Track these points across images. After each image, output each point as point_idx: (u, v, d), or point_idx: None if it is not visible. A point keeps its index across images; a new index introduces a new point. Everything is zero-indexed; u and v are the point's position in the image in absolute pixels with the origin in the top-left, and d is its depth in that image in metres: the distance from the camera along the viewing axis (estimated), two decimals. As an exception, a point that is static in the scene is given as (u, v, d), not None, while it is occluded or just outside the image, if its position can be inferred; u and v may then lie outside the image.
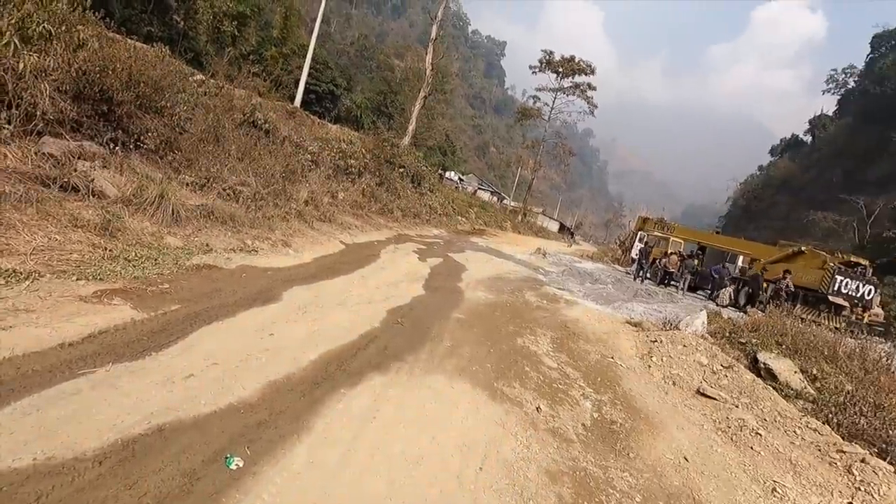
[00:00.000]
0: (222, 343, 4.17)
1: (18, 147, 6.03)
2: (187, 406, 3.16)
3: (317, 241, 9.37)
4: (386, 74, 45.01)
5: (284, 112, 18.55)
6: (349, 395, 3.94)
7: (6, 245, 4.39)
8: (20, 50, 6.32)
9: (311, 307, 5.75)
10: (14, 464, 2.33)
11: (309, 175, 12.83)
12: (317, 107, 28.87)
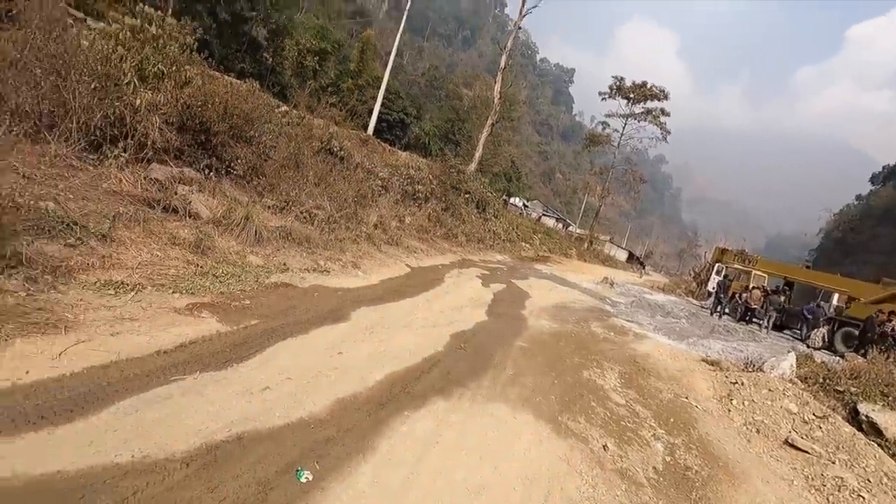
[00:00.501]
0: (296, 359, 4.39)
1: (131, 172, 6.79)
2: (263, 417, 3.34)
3: (384, 263, 9.66)
4: (454, 103, 46.28)
5: (358, 140, 19.53)
6: (413, 417, 3.98)
7: (118, 260, 4.92)
8: (138, 88, 7.20)
9: (378, 328, 5.90)
10: (116, 459, 2.57)
11: (378, 200, 13.34)
12: (388, 134, 30.13)
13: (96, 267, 4.62)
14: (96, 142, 6.64)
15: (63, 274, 4.19)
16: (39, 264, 4.10)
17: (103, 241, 5.01)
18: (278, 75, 23.21)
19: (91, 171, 6.26)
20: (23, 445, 2.44)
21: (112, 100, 6.77)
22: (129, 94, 7.06)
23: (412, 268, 10.47)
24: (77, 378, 3.12)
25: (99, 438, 2.66)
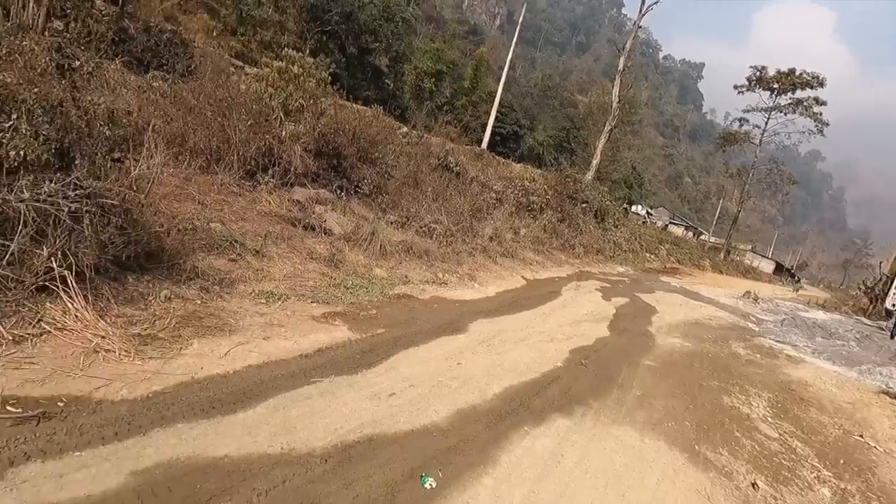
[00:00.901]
0: (418, 367, 4.58)
1: (278, 196, 7.73)
2: (390, 422, 3.52)
3: (500, 275, 9.69)
4: (569, 111, 45.16)
5: (473, 155, 19.97)
6: (532, 433, 3.90)
7: (268, 272, 5.61)
8: (283, 122, 8.20)
9: (495, 341, 5.92)
10: (268, 450, 2.90)
11: (493, 212, 13.47)
12: (501, 147, 30.38)
13: (252, 279, 5.31)
14: (251, 170, 7.68)
15: (227, 285, 4.89)
16: (210, 276, 4.83)
17: (257, 256, 5.75)
18: (398, 99, 24.75)
19: (247, 195, 7.25)
20: (200, 431, 2.87)
21: (263, 133, 7.80)
22: (276, 128, 8.08)
23: (528, 280, 10.35)
24: (238, 375, 3.60)
25: (255, 430, 3.03)
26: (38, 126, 3.67)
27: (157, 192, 5.20)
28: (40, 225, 3.42)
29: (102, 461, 2.46)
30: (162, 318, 3.89)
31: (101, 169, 4.18)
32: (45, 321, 3.29)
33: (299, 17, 17.36)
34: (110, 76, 7.33)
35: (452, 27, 41.49)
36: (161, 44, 10.68)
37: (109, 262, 3.89)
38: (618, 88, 25.69)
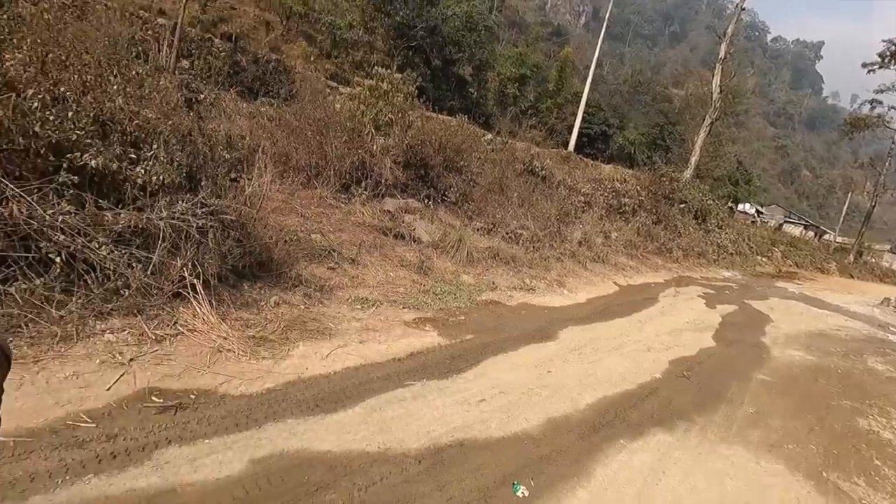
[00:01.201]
0: (507, 374, 4.56)
1: (370, 207, 8.15)
2: (480, 427, 3.55)
3: (590, 281, 9.35)
4: (662, 106, 42.48)
5: (559, 158, 19.53)
6: (629, 447, 3.72)
7: (362, 279, 5.93)
8: (374, 136, 8.64)
9: (586, 349, 5.72)
10: (366, 448, 3.06)
11: (582, 216, 13.04)
12: (589, 149, 29.36)
13: (348, 286, 5.64)
14: (346, 184, 8.17)
15: (327, 291, 5.24)
16: (312, 283, 5.21)
17: (353, 265, 6.11)
18: (482, 106, 24.95)
19: (343, 207, 7.73)
20: (307, 426, 3.11)
21: (356, 149, 8.28)
22: (368, 142, 8.53)
23: (621, 286, 9.87)
24: (338, 376, 3.84)
25: (354, 428, 3.21)
26: (172, 154, 4.23)
27: (266, 207, 5.73)
28: (175, 239, 3.93)
29: (226, 449, 2.75)
30: (272, 322, 4.27)
31: (221, 188, 4.71)
32: (179, 323, 3.77)
33: (387, 35, 18.21)
34: (227, 105, 8.22)
35: (535, 30, 41.02)
36: (267, 73, 11.79)
37: (229, 271, 4.36)
38: (719, 78, 23.72)
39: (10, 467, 2.26)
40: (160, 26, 9.98)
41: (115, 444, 2.58)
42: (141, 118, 4.31)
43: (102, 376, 3.04)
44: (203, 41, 11.08)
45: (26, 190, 3.32)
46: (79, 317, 3.33)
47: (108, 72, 4.51)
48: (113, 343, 3.35)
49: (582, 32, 75.92)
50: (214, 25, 13.27)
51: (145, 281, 3.68)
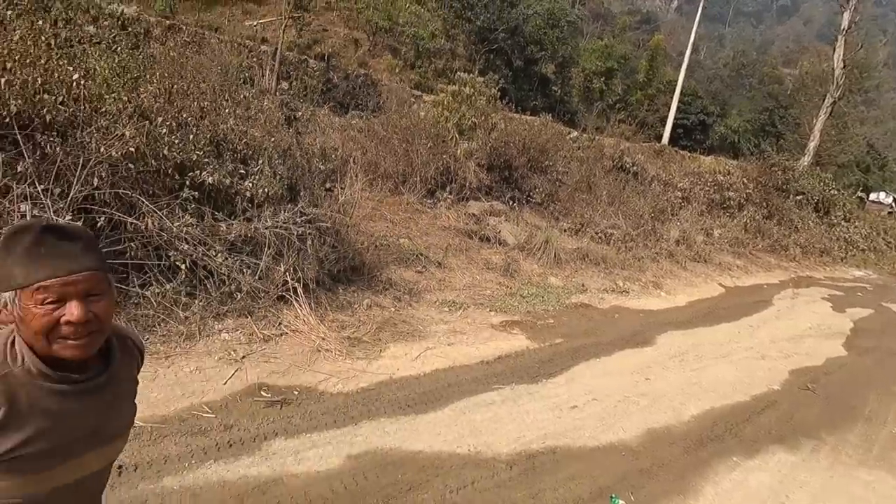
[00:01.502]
0: (600, 380, 4.35)
1: (455, 210, 8.24)
2: (573, 435, 3.41)
3: (691, 282, 8.67)
4: (771, 88, 38.30)
5: (652, 152, 18.38)
6: (744, 466, 3.36)
7: (449, 282, 6.00)
8: (458, 141, 8.73)
9: (689, 356, 5.30)
10: (457, 450, 3.07)
11: (679, 213, 12.14)
12: (685, 141, 27.31)
13: (435, 289, 5.74)
14: (431, 189, 8.34)
15: (415, 294, 5.37)
16: (401, 287, 5.37)
17: (439, 268, 6.20)
18: (566, 104, 24.25)
19: (429, 212, 7.89)
20: (399, 426, 3.19)
21: (441, 154, 8.42)
22: (451, 147, 8.64)
23: (727, 287, 9.03)
24: (428, 377, 3.91)
25: (445, 430, 3.24)
26: (275, 168, 4.60)
27: (357, 214, 6.01)
28: (278, 246, 4.26)
29: (326, 444, 2.90)
30: (365, 324, 4.46)
31: (317, 198, 5.02)
32: (283, 324, 4.07)
33: (468, 41, 18.38)
34: (321, 120, 8.78)
35: (622, 20, 39.04)
36: (357, 87, 12.42)
37: (325, 275, 4.63)
38: (841, 51, 20.91)
39: (148, 450, 2.57)
40: (263, 53, 10.93)
41: (230, 434, 2.83)
42: (248, 137, 4.74)
43: (220, 371, 3.37)
44: (299, 63, 11.95)
45: (158, 206, 3.78)
46: (200, 317, 3.72)
47: (221, 97, 5.01)
48: (228, 342, 3.69)
49: (674, 17, 71.00)
50: (309, 47, 14.26)
51: (254, 285, 4.02)
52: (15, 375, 0.88)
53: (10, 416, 0.86)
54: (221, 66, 6.77)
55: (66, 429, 0.93)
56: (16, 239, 0.86)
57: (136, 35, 7.14)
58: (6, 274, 0.86)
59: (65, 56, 4.04)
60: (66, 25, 4.79)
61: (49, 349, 0.88)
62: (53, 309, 0.86)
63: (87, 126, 3.64)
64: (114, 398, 1.02)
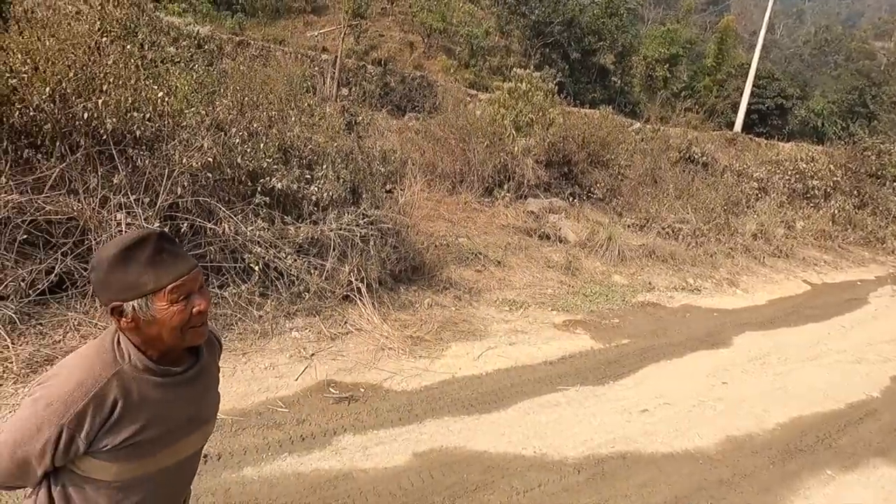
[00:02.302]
0: (672, 383, 4.14)
1: (513, 208, 8.14)
2: (644, 440, 3.26)
3: (770, 279, 8.05)
4: (861, 65, 34.76)
5: (723, 140, 17.29)
6: (840, 480, 3.07)
7: (509, 281, 5.94)
8: (515, 138, 8.63)
9: (771, 358, 4.92)
10: (522, 451, 3.03)
11: (756, 205, 11.31)
12: (761, 127, 25.38)
13: (495, 288, 5.70)
14: (489, 187, 8.29)
15: (475, 293, 5.36)
16: (461, 286, 5.38)
17: (499, 267, 6.16)
18: (627, 95, 23.31)
19: (487, 211, 7.86)
20: (462, 425, 3.19)
21: (497, 152, 8.35)
22: (508, 145, 8.55)
23: (813, 284, 8.30)
24: (490, 377, 3.89)
25: (508, 431, 3.21)
26: (338, 172, 4.75)
27: (417, 215, 6.09)
28: (342, 248, 4.40)
29: (392, 440, 2.96)
30: (427, 323, 4.50)
31: (378, 200, 5.14)
32: (348, 323, 4.20)
33: (522, 36, 18.12)
34: (379, 123, 8.98)
35: (686, 3, 36.93)
36: (413, 89, 12.60)
37: (387, 275, 4.72)
38: (948, 18, 18.57)
39: (229, 441, 2.74)
40: (324, 62, 11.35)
41: (303, 428, 2.95)
42: (313, 143, 4.93)
43: (291, 368, 3.53)
44: (358, 69, 12.30)
45: (233, 211, 4.02)
46: (272, 316, 3.91)
47: (287, 106, 5.25)
48: (298, 340, 3.86)
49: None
50: (366, 53, 14.64)
51: (321, 285, 4.18)
52: (125, 372, 0.98)
53: (126, 408, 0.97)
54: (286, 77, 7.10)
55: (170, 416, 1.05)
56: (134, 252, 0.94)
57: (210, 52, 7.64)
58: (132, 283, 0.95)
59: (150, 76, 4.39)
60: (151, 48, 5.22)
61: (182, 340, 1.01)
62: (185, 304, 0.98)
63: (170, 139, 3.93)
64: (204, 387, 1.15)
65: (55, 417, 0.91)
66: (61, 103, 3.50)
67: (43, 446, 0.92)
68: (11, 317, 3.13)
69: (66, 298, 3.44)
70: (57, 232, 3.45)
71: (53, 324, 3.29)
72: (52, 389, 0.94)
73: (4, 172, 3.25)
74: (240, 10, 14.46)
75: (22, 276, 3.23)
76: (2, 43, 3.51)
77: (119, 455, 0.98)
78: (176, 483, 1.16)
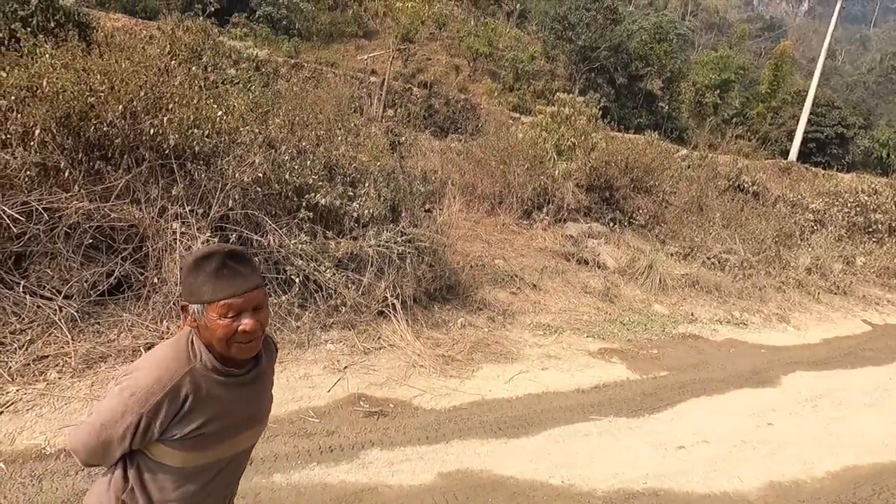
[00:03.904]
0: (712, 420, 3.95)
1: (552, 232, 8.08)
2: (679, 479, 3.13)
3: (826, 317, 7.58)
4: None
5: (776, 170, 16.63)
6: (898, 540, 2.83)
7: (544, 305, 5.88)
8: (556, 161, 8.61)
9: (824, 401, 4.62)
10: (550, 480, 2.96)
11: (811, 238, 10.75)
12: (818, 156, 24.21)
13: (530, 311, 5.65)
14: (528, 210, 8.29)
15: (509, 315, 5.33)
16: (495, 307, 5.37)
17: (534, 290, 6.10)
18: (674, 120, 22.85)
19: (525, 233, 7.84)
20: (490, 449, 3.16)
21: (538, 175, 8.36)
22: (549, 168, 8.55)
23: (874, 325, 7.76)
24: (520, 401, 3.84)
25: (537, 458, 3.15)
26: (380, 190, 4.89)
27: (454, 235, 6.15)
28: (380, 264, 4.50)
29: (418, 458, 2.97)
30: (459, 343, 4.51)
31: (417, 218, 5.24)
32: (381, 338, 4.26)
33: (568, 61, 18.19)
34: (422, 144, 9.19)
35: (740, 28, 36.12)
36: (456, 111, 12.86)
37: (422, 293, 4.78)
38: None
39: (262, 447, 2.82)
40: (372, 83, 11.79)
41: (332, 440, 3.00)
42: (357, 162, 5.11)
43: (324, 379, 3.61)
44: (404, 91, 12.69)
45: (278, 224, 4.20)
46: (309, 328, 4.03)
47: (334, 126, 5.48)
48: (332, 352, 3.95)
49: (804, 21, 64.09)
50: (413, 76, 15.10)
51: (357, 300, 4.28)
52: (196, 370, 1.11)
53: (195, 402, 1.09)
54: (335, 98, 7.42)
55: (231, 413, 1.16)
56: (204, 263, 1.07)
57: (266, 74, 8.09)
58: (196, 290, 1.08)
59: (210, 96, 4.70)
60: (214, 70, 5.60)
61: (227, 351, 1.11)
62: (232, 320, 1.08)
63: (225, 155, 4.18)
64: (261, 389, 1.28)
65: (137, 406, 1.04)
66: (131, 119, 3.81)
67: (124, 430, 1.05)
68: (73, 315, 3.37)
69: (123, 300, 3.67)
70: (119, 238, 3.71)
71: (109, 323, 3.52)
72: (136, 381, 1.06)
73: (78, 182, 3.55)
74: (296, 34, 15.27)
75: (85, 277, 3.49)
76: (84, 65, 3.86)
77: (185, 444, 1.10)
78: (230, 475, 1.27)
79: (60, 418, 2.76)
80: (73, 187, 3.53)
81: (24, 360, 3.04)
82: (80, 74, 3.75)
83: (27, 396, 2.84)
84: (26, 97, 3.56)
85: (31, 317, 3.27)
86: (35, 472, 2.40)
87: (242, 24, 14.16)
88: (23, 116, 3.50)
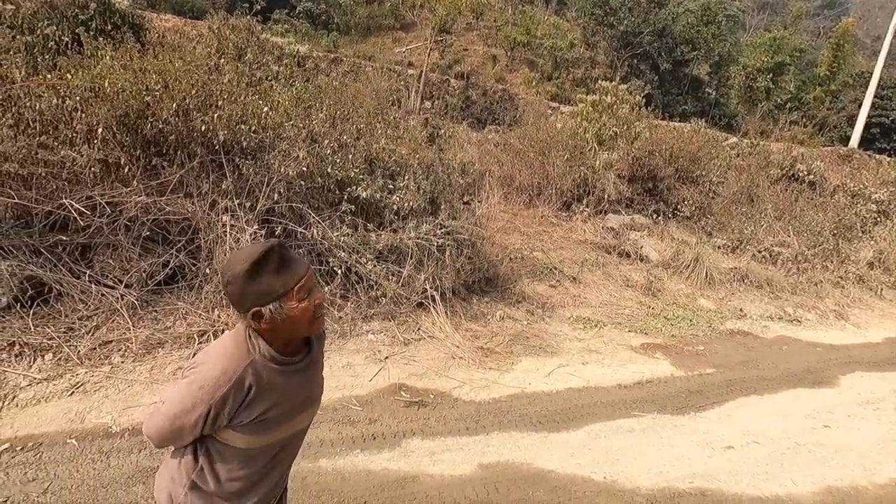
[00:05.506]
0: (762, 421, 3.80)
1: (592, 224, 7.92)
2: (727, 479, 3.03)
3: (889, 314, 7.12)
4: None
5: (835, 157, 15.65)
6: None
7: (584, 299, 5.78)
8: (597, 152, 8.41)
9: (887, 404, 4.35)
10: (591, 475, 2.93)
11: (874, 230, 10.08)
12: (883, 142, 22.58)
13: (570, 304, 5.57)
14: (567, 202, 8.14)
15: (549, 309, 5.27)
16: (534, 300, 5.32)
17: (574, 283, 6.01)
18: (722, 107, 21.82)
19: (564, 225, 7.71)
20: (530, 442, 3.16)
21: (578, 166, 8.19)
22: (589, 158, 8.35)
23: (944, 324, 7.22)
24: (560, 396, 3.80)
25: (578, 452, 3.12)
26: (419, 183, 4.92)
27: (493, 227, 6.13)
28: (419, 256, 4.54)
29: (459, 449, 3.00)
30: (497, 335, 4.51)
31: (455, 211, 5.24)
32: (421, 329, 4.31)
33: (609, 47, 17.63)
34: (460, 136, 9.15)
35: (796, 7, 33.95)
36: (494, 102, 12.73)
37: (461, 285, 4.80)
38: None
39: (308, 433, 2.88)
40: (409, 76, 11.82)
41: (374, 428, 3.08)
42: (396, 155, 5.15)
43: (366, 369, 3.69)
44: (441, 83, 12.66)
45: (321, 217, 4.30)
46: (351, 318, 4.12)
47: (374, 120, 5.54)
48: (373, 342, 4.03)
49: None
50: (450, 67, 15.01)
51: (397, 291, 4.34)
52: (257, 361, 1.18)
53: (258, 391, 1.17)
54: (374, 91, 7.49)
55: (289, 397, 1.26)
56: (263, 263, 1.12)
57: (307, 69, 8.25)
58: (267, 290, 1.13)
59: (256, 92, 4.84)
60: (259, 67, 5.76)
61: (310, 330, 1.21)
62: (308, 300, 1.16)
63: (271, 150, 4.31)
64: (314, 374, 1.37)
65: (206, 397, 1.12)
66: (184, 117, 3.97)
67: (196, 420, 1.15)
68: (133, 303, 3.57)
69: (177, 290, 3.86)
70: (173, 230, 3.90)
71: (166, 311, 3.72)
72: (203, 374, 1.15)
73: (136, 177, 3.74)
74: (335, 28, 15.47)
75: (144, 267, 3.69)
76: (141, 65, 4.06)
77: (251, 428, 1.20)
78: (288, 453, 1.39)
79: (124, 399, 2.94)
80: (132, 182, 3.73)
81: (90, 345, 3.26)
82: (138, 75, 3.94)
83: (94, 378, 3.05)
84: (89, 97, 3.77)
85: (97, 304, 3.49)
86: (103, 448, 2.57)
87: (283, 20, 14.47)
88: (86, 116, 3.72)
